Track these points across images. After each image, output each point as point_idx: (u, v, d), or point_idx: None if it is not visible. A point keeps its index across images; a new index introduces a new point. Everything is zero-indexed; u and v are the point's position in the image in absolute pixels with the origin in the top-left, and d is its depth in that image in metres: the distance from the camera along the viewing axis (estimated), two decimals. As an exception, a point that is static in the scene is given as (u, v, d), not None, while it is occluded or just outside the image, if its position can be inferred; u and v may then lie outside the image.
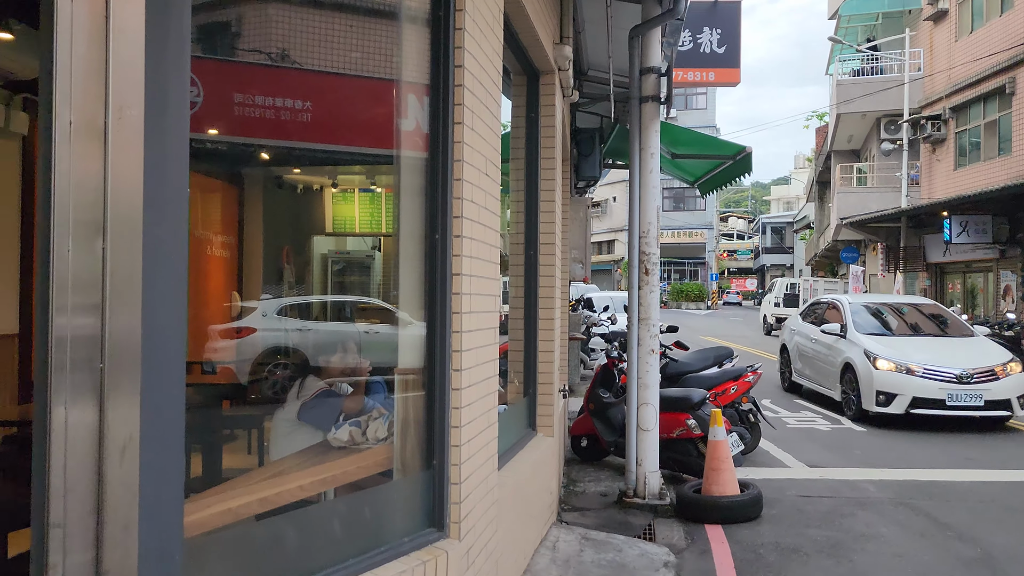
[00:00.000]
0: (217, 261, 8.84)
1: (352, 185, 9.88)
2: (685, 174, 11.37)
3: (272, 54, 10.03)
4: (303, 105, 8.25)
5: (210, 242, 8.69)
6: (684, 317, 37.77)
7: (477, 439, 3.33)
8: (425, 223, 3.11)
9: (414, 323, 3.14)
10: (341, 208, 10.27)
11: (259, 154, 8.71)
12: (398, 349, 3.27)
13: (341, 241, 10.71)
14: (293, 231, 10.25)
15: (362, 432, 3.33)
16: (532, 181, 5.45)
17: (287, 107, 7.91)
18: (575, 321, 12.00)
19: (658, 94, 6.17)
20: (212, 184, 8.88)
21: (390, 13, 3.87)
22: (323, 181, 9.97)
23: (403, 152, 3.34)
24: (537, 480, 4.91)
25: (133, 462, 1.91)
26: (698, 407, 6.93)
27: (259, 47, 10.03)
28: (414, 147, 3.31)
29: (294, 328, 9.68)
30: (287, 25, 9.69)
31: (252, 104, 8.23)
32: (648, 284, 6.17)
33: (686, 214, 50.13)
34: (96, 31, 1.86)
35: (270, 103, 8.17)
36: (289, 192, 9.91)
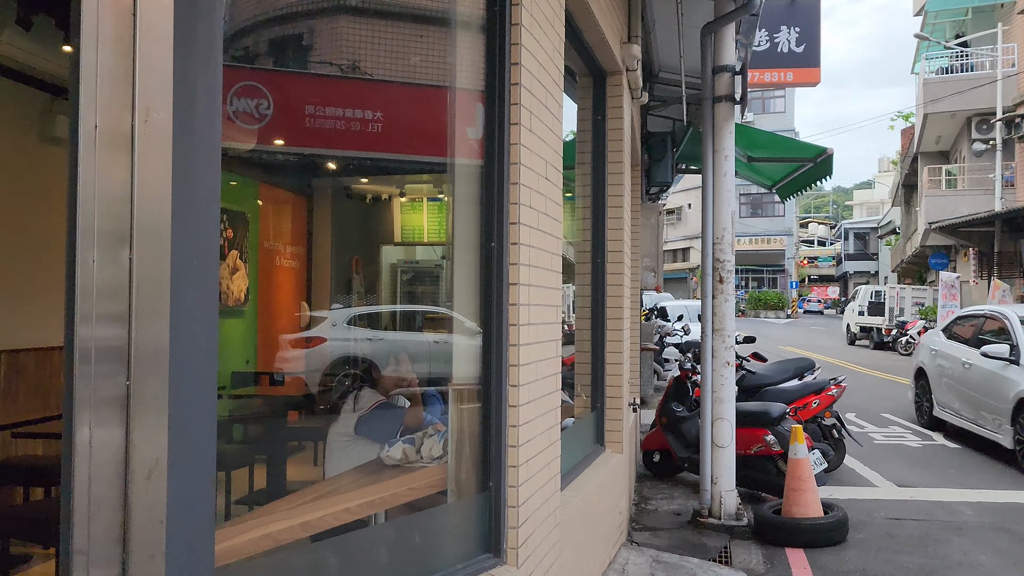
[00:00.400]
0: (286, 272, 8.90)
1: (420, 194, 9.83)
2: (762, 178, 10.95)
3: (342, 65, 10.10)
4: (372, 115, 8.25)
5: (280, 253, 8.75)
6: (762, 326, 36.73)
7: (537, 458, 3.13)
8: (480, 230, 2.95)
9: (474, 334, 2.98)
10: (409, 217, 10.24)
11: (328, 164, 8.75)
12: (452, 361, 3.11)
13: (410, 251, 10.68)
14: (362, 241, 10.27)
15: (416, 450, 3.18)
16: (599, 186, 5.24)
17: (353, 117, 7.92)
18: (647, 331, 11.68)
19: (732, 93, 5.88)
20: (282, 195, 8.96)
21: (444, 16, 3.73)
22: (391, 191, 9.96)
23: (458, 160, 3.19)
24: (605, 499, 4.68)
25: (160, 487, 1.79)
26: (777, 422, 6.57)
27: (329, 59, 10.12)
28: (470, 154, 3.15)
29: (364, 338, 9.68)
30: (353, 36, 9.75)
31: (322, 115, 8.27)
32: (722, 293, 5.87)
33: (764, 220, 48.88)
34: (123, 28, 1.76)
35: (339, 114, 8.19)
36: (358, 202, 9.94)
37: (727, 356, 5.87)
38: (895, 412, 11.91)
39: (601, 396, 5.24)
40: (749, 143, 9.31)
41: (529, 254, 3.03)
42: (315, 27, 11.00)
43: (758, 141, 9.59)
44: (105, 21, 1.74)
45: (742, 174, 11.54)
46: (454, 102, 3.24)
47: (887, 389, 15.18)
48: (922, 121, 25.60)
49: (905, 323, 24.19)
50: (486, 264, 2.92)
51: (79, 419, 1.70)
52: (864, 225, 61.99)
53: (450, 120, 3.21)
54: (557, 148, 3.48)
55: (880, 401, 13.14)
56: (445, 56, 4.19)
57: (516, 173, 2.92)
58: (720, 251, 5.86)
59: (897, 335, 24.17)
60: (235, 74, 8.49)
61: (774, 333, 31.96)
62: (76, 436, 1.70)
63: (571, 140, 5.69)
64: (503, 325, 2.89)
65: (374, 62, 10.07)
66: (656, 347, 10.93)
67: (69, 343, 1.71)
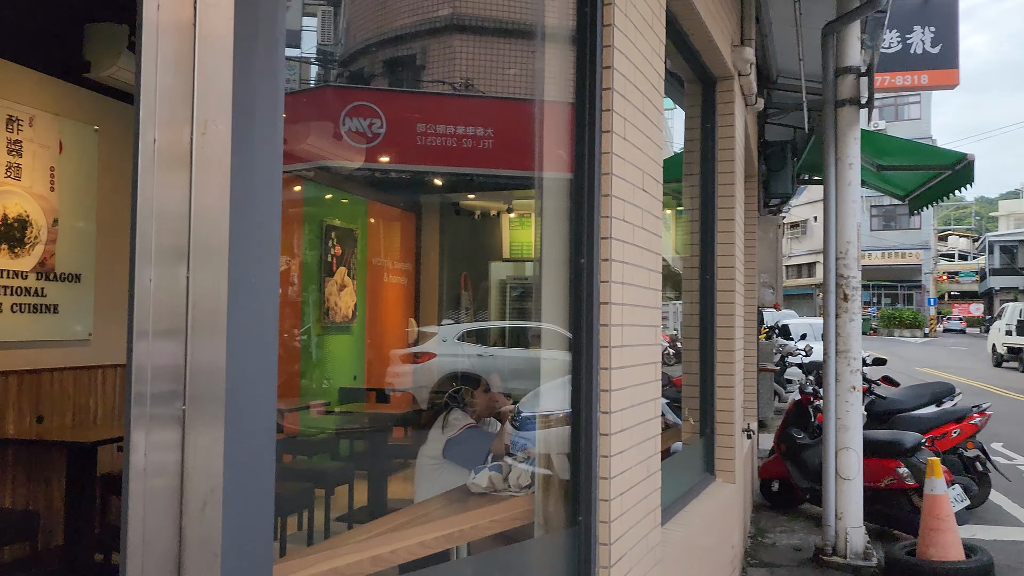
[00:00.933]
0: (394, 288, 8.97)
1: (528, 210, 9.73)
2: (893, 188, 10.23)
3: (455, 83, 10.14)
4: (479, 131, 8.23)
5: (388, 269, 8.83)
6: (896, 346, 34.63)
7: (633, 491, 2.90)
8: (570, 245, 2.76)
9: (562, 356, 2.79)
10: (518, 233, 10.15)
11: (436, 181, 8.78)
12: (541, 383, 2.93)
13: (519, 267, 10.59)
14: (471, 257, 10.27)
15: (504, 477, 3.01)
16: (708, 198, 4.94)
17: (458, 134, 7.90)
18: (767, 351, 11.11)
19: (856, 96, 5.45)
20: (390, 212, 9.06)
21: (536, 28, 3.57)
22: (499, 206, 9.91)
23: (546, 173, 3.01)
24: (714, 533, 4.36)
25: (215, 518, 1.69)
26: (911, 453, 6.01)
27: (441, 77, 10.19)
28: (561, 166, 2.97)
29: (474, 354, 9.64)
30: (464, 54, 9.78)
31: (433, 133, 8.31)
32: (847, 311, 5.42)
33: (898, 233, 46.20)
34: (183, 37, 1.69)
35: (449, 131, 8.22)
36: (466, 218, 9.94)
37: (852, 380, 5.41)
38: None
39: (711, 421, 4.92)
40: (878, 150, 8.71)
41: (623, 271, 2.81)
42: (427, 47, 11.13)
43: (888, 148, 8.95)
44: (165, 33, 1.68)
45: (870, 184, 10.83)
46: (543, 112, 3.08)
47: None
48: (1078, 124, 23.44)
49: (1061, 344, 22.15)
50: (575, 282, 2.73)
51: (135, 443, 1.63)
52: (1012, 237, 57.53)
53: (538, 131, 3.05)
54: (656, 157, 3.25)
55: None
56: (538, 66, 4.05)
57: (608, 184, 2.72)
58: (844, 266, 5.42)
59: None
60: (348, 95, 8.68)
61: (910, 353, 30.02)
62: (131, 461, 1.63)
63: (679, 153, 5.43)
64: (594, 347, 2.68)
65: (485, 79, 10.08)
66: (776, 368, 10.36)
67: (128, 364, 1.64)
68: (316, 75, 11.46)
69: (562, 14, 3.02)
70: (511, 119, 8.18)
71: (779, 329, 16.86)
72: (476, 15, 10.57)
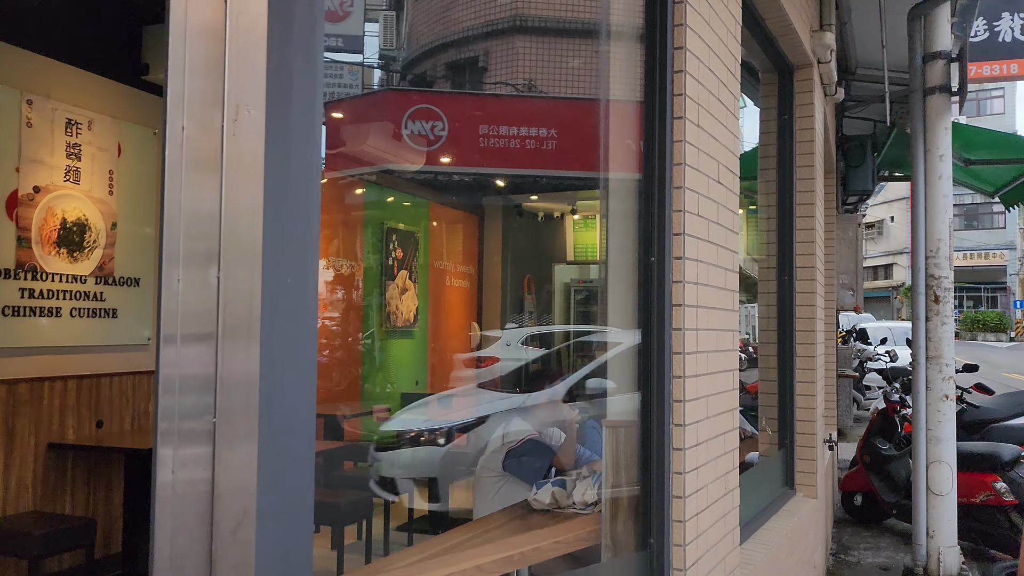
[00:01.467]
0: (457, 291, 8.84)
1: (592, 211, 9.49)
2: (982, 184, 9.64)
3: (517, 84, 9.98)
4: (542, 132, 8.04)
5: (450, 272, 8.71)
6: (981, 351, 33.07)
7: (709, 511, 2.66)
8: (639, 244, 2.54)
9: (632, 362, 2.57)
10: (582, 235, 9.92)
11: (498, 183, 8.63)
12: (607, 393, 2.71)
13: (584, 269, 10.35)
14: (534, 260, 10.08)
15: (568, 493, 2.80)
16: (786, 194, 4.64)
17: (520, 135, 7.73)
18: (845, 356, 10.61)
19: (947, 83, 5.06)
20: (452, 215, 8.94)
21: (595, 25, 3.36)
22: (563, 208, 9.70)
23: (612, 172, 2.80)
24: (796, 552, 4.06)
25: (248, 541, 1.53)
26: (1009, 467, 5.56)
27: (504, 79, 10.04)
28: (629, 166, 2.75)
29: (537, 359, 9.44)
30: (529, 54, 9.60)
31: (496, 135, 8.17)
32: (939, 315, 5.04)
33: (981, 233, 44.19)
34: (214, 15, 1.54)
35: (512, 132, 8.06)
36: (529, 220, 9.76)
37: (945, 388, 5.01)
38: None
39: (791, 432, 4.61)
40: (966, 143, 8.20)
41: (696, 270, 2.58)
42: (490, 48, 11.00)
43: (977, 141, 8.42)
44: (194, 11, 1.53)
45: (957, 180, 10.22)
46: (608, 110, 2.88)
47: None
48: None
49: None
50: (645, 282, 2.51)
51: (162, 459, 1.48)
52: (1105, 236, 54.51)
53: (604, 129, 2.84)
54: (732, 147, 3.00)
55: None
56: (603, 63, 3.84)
57: (680, 175, 2.49)
58: (935, 266, 5.04)
59: None
60: (410, 98, 8.59)
61: (995, 358, 28.59)
62: (159, 479, 1.48)
63: (753, 151, 5.13)
64: (665, 353, 2.46)
65: (548, 79, 9.89)
66: (855, 374, 9.87)
67: (156, 373, 1.50)
68: (379, 80, 11.46)
69: (627, 5, 2.81)
70: (575, 119, 7.98)
71: (857, 333, 16.20)
72: (539, 15, 10.40)
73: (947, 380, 5.01)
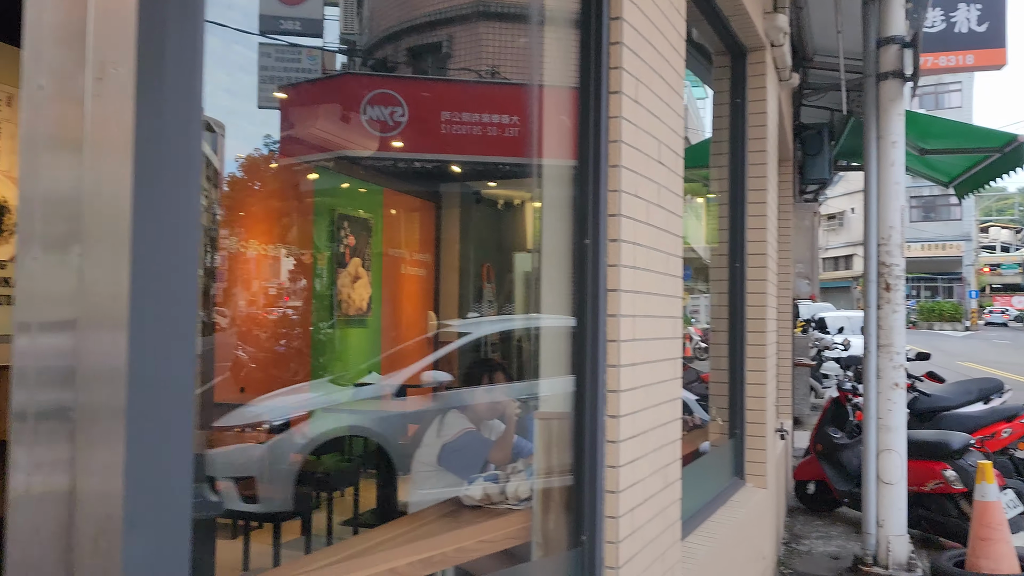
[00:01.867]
0: (413, 280, 8.66)
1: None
2: (937, 173, 9.70)
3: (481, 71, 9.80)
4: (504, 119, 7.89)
5: (406, 260, 8.53)
6: (937, 339, 33.70)
7: (647, 505, 2.55)
8: (574, 226, 2.41)
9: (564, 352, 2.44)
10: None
11: (456, 169, 8.47)
12: (539, 384, 2.58)
13: (544, 258, 10.18)
14: (493, 248, 9.92)
15: (500, 490, 2.67)
16: (738, 179, 4.55)
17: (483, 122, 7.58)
18: (802, 345, 10.62)
19: (900, 69, 5.00)
20: (408, 201, 8.76)
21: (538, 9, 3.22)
22: (523, 195, 9.55)
23: (545, 151, 2.67)
24: (744, 545, 3.99)
25: (112, 551, 1.38)
26: (959, 455, 5.57)
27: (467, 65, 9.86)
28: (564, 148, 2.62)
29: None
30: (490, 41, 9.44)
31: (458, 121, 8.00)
32: (890, 302, 4.99)
33: (938, 224, 45.02)
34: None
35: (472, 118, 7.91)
36: (488, 208, 9.60)
37: (895, 377, 4.98)
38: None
39: (741, 421, 4.54)
40: (921, 132, 8.20)
41: (634, 253, 2.45)
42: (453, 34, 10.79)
43: (932, 130, 8.44)
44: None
45: (913, 169, 10.28)
46: (542, 89, 2.74)
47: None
48: None
49: (1112, 338, 21.24)
50: (579, 267, 2.38)
51: (16, 461, 1.32)
52: (1057, 228, 55.82)
53: (538, 108, 2.71)
54: (676, 127, 2.88)
55: (1084, 428, 11.33)
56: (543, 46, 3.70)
57: (617, 153, 2.37)
58: (886, 253, 4.99)
59: (1102, 351, 21.26)
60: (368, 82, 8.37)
61: (951, 347, 29.14)
62: (12, 484, 1.32)
63: (705, 142, 5.05)
64: (599, 341, 2.33)
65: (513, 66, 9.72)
66: (811, 362, 9.89)
67: (11, 366, 1.33)
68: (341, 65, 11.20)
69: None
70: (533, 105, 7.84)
71: (816, 322, 16.31)
72: (503, 1, 10.22)
73: (898, 368, 4.98)
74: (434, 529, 2.49)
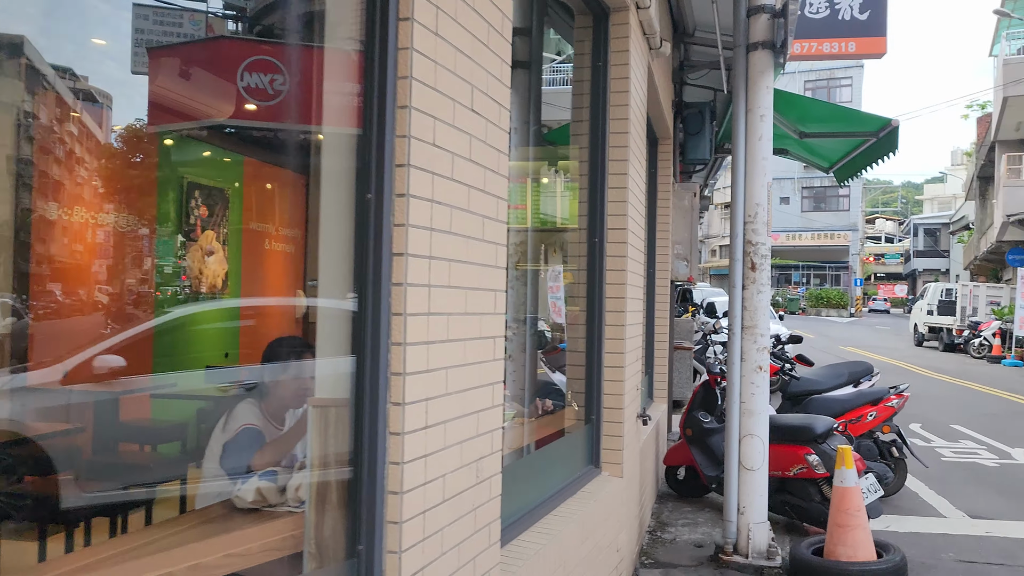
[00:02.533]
0: (278, 256, 8.11)
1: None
2: (818, 159, 9.76)
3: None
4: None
5: (270, 235, 7.96)
6: (824, 325, 35.04)
7: (447, 507, 2.20)
8: (356, 179, 2.03)
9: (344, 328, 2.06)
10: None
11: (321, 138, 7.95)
12: (315, 368, 2.19)
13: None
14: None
15: (280, 488, 2.28)
16: (598, 149, 4.26)
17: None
18: (685, 328, 10.60)
19: (771, 39, 4.83)
20: (274, 173, 8.17)
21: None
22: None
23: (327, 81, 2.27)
24: (591, 539, 3.72)
25: None
26: (823, 439, 5.49)
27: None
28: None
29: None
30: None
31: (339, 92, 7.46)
32: (755, 283, 4.83)
33: (828, 215, 46.80)
34: None
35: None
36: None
37: (759, 360, 4.83)
38: (967, 423, 10.59)
39: (598, 406, 4.27)
40: (801, 116, 8.19)
41: (431, 212, 2.09)
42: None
43: (812, 114, 8.46)
44: None
45: (794, 154, 10.35)
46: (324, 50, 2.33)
47: (959, 396, 13.77)
48: (1001, 106, 23.71)
49: (979, 323, 22.44)
50: (360, 226, 2.00)
51: None
52: (935, 221, 59.03)
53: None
54: (497, 73, 2.53)
55: (950, 410, 11.80)
56: None
57: (406, 91, 1.99)
58: (753, 231, 4.82)
59: (970, 336, 22.44)
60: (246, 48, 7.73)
61: (836, 332, 30.30)
62: None
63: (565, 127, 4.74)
64: (382, 315, 1.96)
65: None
66: (691, 345, 9.85)
67: None
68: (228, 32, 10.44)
69: None
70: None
71: (704, 307, 16.49)
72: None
73: (761, 351, 4.83)
74: (188, 538, 2.08)
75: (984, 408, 12.30)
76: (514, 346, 4.31)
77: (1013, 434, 9.88)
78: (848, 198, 46.76)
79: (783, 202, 46.49)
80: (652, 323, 7.46)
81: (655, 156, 7.40)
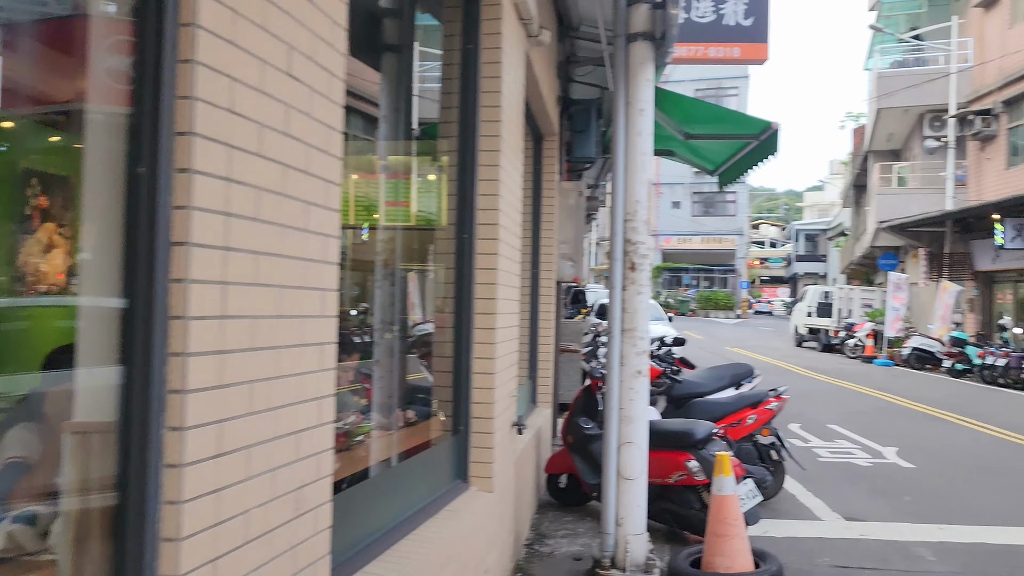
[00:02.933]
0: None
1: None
2: (703, 161, 9.79)
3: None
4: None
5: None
6: (711, 326, 36.05)
7: (250, 549, 1.83)
8: (129, 147, 1.63)
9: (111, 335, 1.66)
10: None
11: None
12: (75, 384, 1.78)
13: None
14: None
15: (38, 532, 1.85)
16: (467, 139, 3.95)
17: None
18: (575, 330, 10.44)
19: (651, 30, 4.64)
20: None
21: None
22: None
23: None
24: (455, 562, 3.39)
25: None
26: (702, 445, 5.36)
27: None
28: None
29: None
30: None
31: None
32: (635, 283, 4.63)
33: (716, 219, 48.28)
34: None
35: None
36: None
37: (639, 364, 4.63)
38: (842, 422, 10.88)
39: (466, 416, 3.96)
40: (686, 116, 8.14)
41: (227, 194, 1.72)
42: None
43: (697, 114, 8.42)
44: None
45: (681, 156, 10.37)
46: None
47: (835, 395, 14.23)
48: (874, 117, 24.93)
49: (853, 325, 23.47)
50: (130, 208, 1.60)
51: None
52: (814, 227, 61.90)
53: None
54: (326, 33, 2.17)
55: (826, 409, 12.13)
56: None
57: (189, 42, 1.61)
58: (632, 230, 4.61)
59: (845, 337, 23.44)
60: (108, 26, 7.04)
61: (722, 333, 31.18)
62: None
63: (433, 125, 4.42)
64: (155, 319, 1.57)
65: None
66: (578, 348, 9.69)
67: None
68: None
69: None
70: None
71: (598, 309, 16.50)
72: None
73: (641, 355, 4.63)
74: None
75: (857, 406, 12.73)
76: (381, 351, 3.95)
77: (884, 432, 10.19)
78: (735, 204, 48.39)
79: (675, 206, 47.68)
80: (536, 325, 7.23)
81: (540, 153, 7.16)
